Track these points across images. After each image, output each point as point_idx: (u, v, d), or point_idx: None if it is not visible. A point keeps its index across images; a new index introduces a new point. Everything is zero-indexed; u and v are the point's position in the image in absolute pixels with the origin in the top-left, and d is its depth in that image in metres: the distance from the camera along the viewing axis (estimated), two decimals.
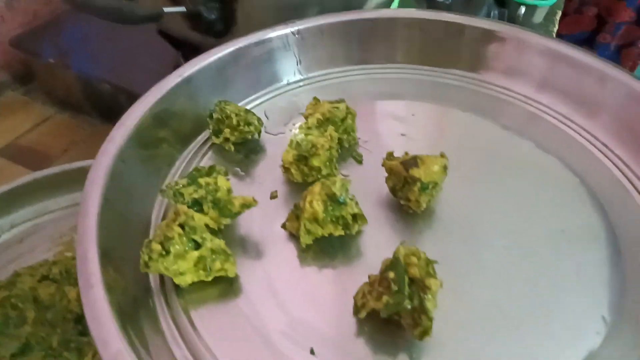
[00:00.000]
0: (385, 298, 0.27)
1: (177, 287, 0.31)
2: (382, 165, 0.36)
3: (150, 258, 0.29)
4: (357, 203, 0.33)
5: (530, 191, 0.38)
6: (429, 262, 0.28)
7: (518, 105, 0.46)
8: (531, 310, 0.31)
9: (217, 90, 0.43)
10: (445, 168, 0.35)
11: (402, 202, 0.36)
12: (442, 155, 0.35)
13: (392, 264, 0.28)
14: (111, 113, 0.84)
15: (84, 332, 0.44)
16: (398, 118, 0.45)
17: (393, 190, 0.36)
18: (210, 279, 0.31)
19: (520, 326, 0.30)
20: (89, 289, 0.25)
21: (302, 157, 0.36)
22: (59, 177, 0.56)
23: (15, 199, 0.54)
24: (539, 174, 0.40)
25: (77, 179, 0.54)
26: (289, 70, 0.49)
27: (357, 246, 0.34)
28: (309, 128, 0.37)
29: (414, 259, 0.28)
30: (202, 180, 0.33)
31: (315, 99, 0.41)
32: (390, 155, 0.36)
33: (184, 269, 0.30)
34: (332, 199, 0.32)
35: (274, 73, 0.48)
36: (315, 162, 0.36)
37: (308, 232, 0.32)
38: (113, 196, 0.32)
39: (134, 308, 0.29)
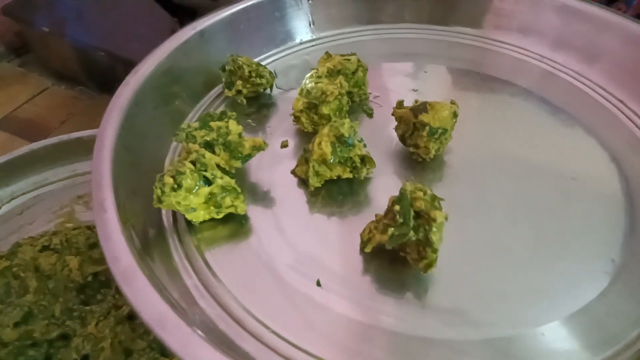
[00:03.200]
0: (390, 230, 0.28)
1: (189, 226, 0.33)
2: (392, 114, 0.37)
3: (162, 192, 0.30)
4: (365, 145, 0.34)
5: (541, 143, 0.38)
6: (435, 197, 0.29)
7: (532, 63, 0.46)
8: (538, 251, 0.31)
9: (231, 46, 0.44)
10: (455, 115, 0.35)
11: (411, 149, 0.36)
12: (453, 103, 0.35)
13: (398, 198, 0.28)
14: (108, 84, 0.83)
15: (86, 301, 0.45)
16: (409, 75, 0.45)
17: (402, 138, 0.36)
18: (220, 216, 0.32)
19: (526, 265, 0.30)
20: (102, 212, 0.27)
21: (312, 104, 0.37)
22: (57, 148, 0.55)
23: (14, 170, 0.53)
24: (551, 128, 0.40)
25: (75, 150, 0.55)
26: (302, 30, 0.49)
27: (366, 193, 0.35)
28: (319, 77, 0.38)
29: (420, 194, 0.28)
30: (213, 124, 0.34)
31: (327, 53, 0.42)
32: (400, 104, 0.37)
33: (195, 205, 0.31)
34: (341, 140, 0.32)
35: (287, 32, 0.49)
36: (325, 109, 0.36)
37: (317, 174, 0.33)
38: (127, 135, 0.33)
39: (146, 242, 0.30)
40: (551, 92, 0.43)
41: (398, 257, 0.30)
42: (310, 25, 0.49)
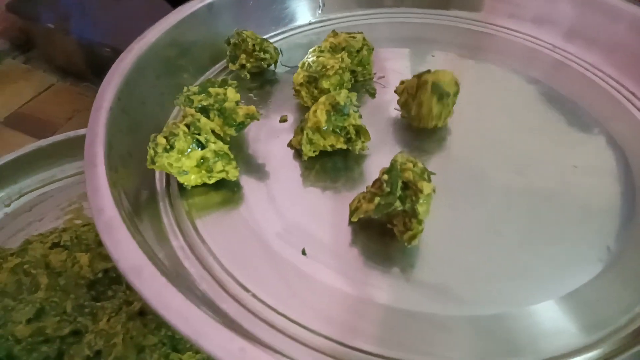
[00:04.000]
0: (377, 199, 0.28)
1: (182, 191, 0.33)
2: (395, 91, 0.36)
3: (155, 152, 0.30)
4: (361, 116, 0.33)
5: (545, 129, 0.38)
6: (425, 170, 0.28)
7: (544, 53, 0.45)
8: (531, 235, 0.30)
9: (238, 22, 0.44)
10: (456, 83, 0.34)
11: (414, 124, 0.36)
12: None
13: (388, 168, 0.28)
14: None
15: (97, 297, 0.45)
16: (417, 57, 0.45)
17: (405, 106, 0.36)
18: (212, 181, 0.32)
19: (517, 248, 0.30)
20: (93, 167, 0.27)
21: (312, 78, 0.36)
22: (64, 144, 0.56)
23: (22, 167, 0.55)
24: (557, 117, 0.39)
25: (82, 147, 0.54)
26: (312, 11, 0.49)
27: (361, 170, 0.35)
28: (321, 51, 0.38)
29: (410, 165, 0.28)
30: (212, 90, 0.34)
31: (333, 31, 0.42)
32: (403, 82, 0.36)
33: (187, 167, 0.31)
34: (336, 109, 0.32)
35: (297, 11, 0.49)
36: (325, 84, 0.36)
37: (310, 141, 0.33)
38: (126, 100, 0.33)
39: (138, 204, 0.31)
40: (561, 82, 0.42)
41: (386, 230, 0.30)
42: (320, 6, 0.49)
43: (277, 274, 0.28)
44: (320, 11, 0.49)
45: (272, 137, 0.37)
